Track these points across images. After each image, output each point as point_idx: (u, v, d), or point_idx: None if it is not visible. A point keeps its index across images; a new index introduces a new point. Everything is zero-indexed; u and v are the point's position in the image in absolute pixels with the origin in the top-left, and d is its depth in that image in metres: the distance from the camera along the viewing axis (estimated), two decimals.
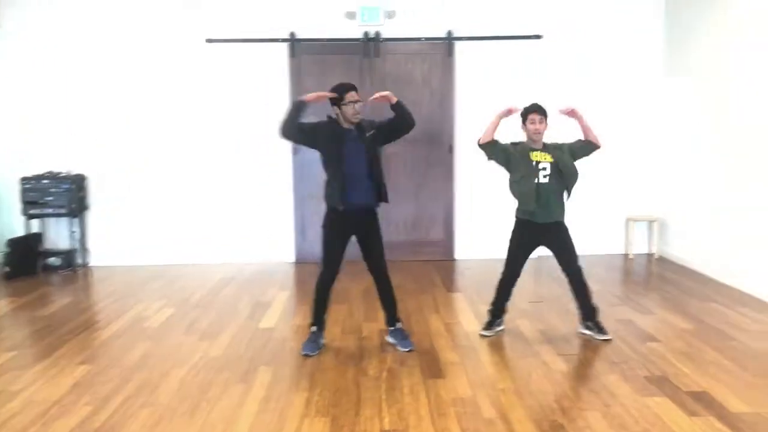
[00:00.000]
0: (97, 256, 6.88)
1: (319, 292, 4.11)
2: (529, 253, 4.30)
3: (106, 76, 6.72)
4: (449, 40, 6.75)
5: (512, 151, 4.17)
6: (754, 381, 3.54)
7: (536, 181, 4.10)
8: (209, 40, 6.67)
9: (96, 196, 6.85)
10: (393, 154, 6.76)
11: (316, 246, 7.01)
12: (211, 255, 6.89)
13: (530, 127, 4.14)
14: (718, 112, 5.86)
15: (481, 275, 6.18)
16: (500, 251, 4.45)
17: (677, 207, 6.69)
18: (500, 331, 4.40)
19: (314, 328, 4.16)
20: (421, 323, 4.70)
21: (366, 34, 6.71)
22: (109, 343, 4.37)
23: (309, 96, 3.93)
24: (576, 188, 4.19)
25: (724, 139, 5.79)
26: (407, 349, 4.05)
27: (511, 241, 4.31)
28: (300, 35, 6.69)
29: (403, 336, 4.16)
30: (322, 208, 4.11)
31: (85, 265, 6.83)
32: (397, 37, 6.73)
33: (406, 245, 6.96)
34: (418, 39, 6.74)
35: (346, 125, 3.97)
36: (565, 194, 4.21)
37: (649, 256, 6.98)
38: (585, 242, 6.50)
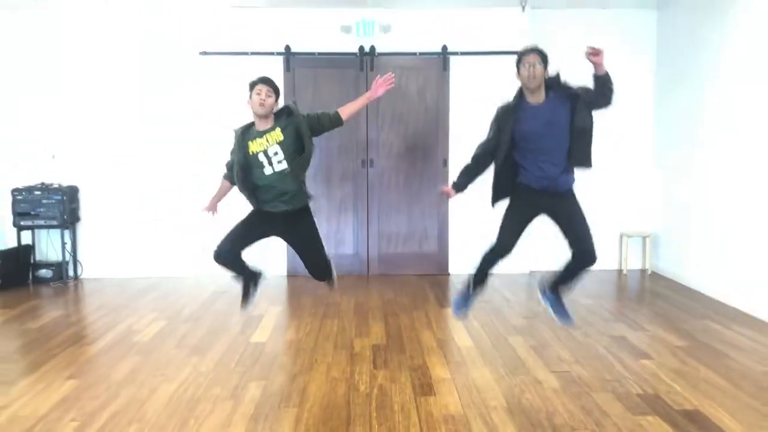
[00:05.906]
0: (88, 268, 6.84)
1: None
2: None
3: (100, 88, 6.72)
4: (444, 55, 6.76)
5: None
6: (748, 401, 3.51)
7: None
8: (203, 53, 6.67)
9: (88, 207, 6.82)
10: (387, 167, 6.79)
11: None
12: (204, 267, 6.83)
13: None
14: (715, 124, 5.85)
15: None
16: None
17: (670, 223, 6.70)
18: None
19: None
20: (413, 339, 4.67)
21: (361, 48, 6.72)
22: (97, 357, 4.32)
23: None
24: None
25: (718, 154, 5.78)
26: None
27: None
28: (295, 49, 6.70)
29: None
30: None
31: (76, 278, 6.78)
32: (393, 51, 6.75)
33: (400, 258, 6.96)
34: (413, 53, 6.75)
35: None
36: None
37: (643, 271, 6.98)
38: None
